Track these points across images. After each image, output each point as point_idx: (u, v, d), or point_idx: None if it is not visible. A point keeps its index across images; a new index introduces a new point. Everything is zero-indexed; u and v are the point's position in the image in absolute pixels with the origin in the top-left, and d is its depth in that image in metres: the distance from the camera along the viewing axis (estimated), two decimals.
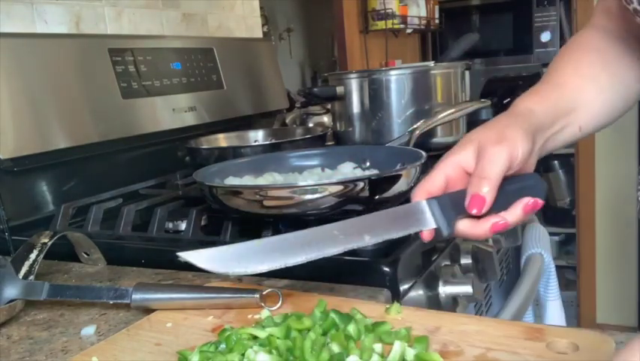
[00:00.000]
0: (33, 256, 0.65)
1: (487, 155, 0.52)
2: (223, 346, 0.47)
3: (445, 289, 0.71)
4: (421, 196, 0.54)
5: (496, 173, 0.51)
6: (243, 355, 0.45)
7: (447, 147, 0.58)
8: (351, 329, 0.47)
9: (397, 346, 0.44)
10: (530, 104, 0.59)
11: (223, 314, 0.55)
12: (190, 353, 0.46)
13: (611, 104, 0.66)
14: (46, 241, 0.67)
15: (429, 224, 0.52)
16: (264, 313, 0.53)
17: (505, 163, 0.52)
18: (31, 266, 0.64)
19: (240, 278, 0.67)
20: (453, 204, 0.52)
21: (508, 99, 2.57)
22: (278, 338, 0.47)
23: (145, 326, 0.54)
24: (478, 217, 0.52)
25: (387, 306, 0.52)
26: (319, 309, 0.50)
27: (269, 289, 0.56)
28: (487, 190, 0.51)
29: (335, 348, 0.44)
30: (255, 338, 0.48)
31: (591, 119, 0.64)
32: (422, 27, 2.62)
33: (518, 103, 0.60)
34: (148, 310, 0.58)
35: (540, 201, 0.53)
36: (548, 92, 0.62)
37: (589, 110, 0.64)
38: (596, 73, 0.65)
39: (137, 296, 0.57)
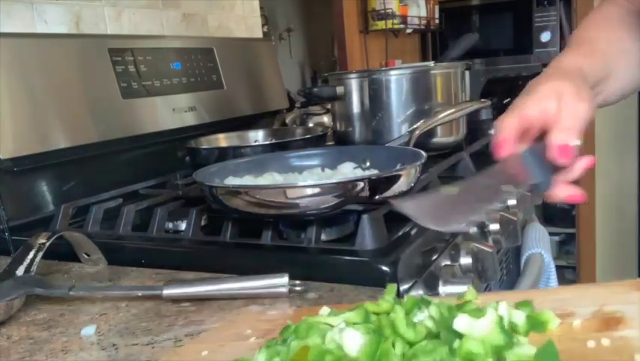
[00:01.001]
0: (31, 256, 0.65)
1: (573, 109, 0.51)
2: (292, 338, 0.40)
3: (445, 289, 0.71)
4: (511, 133, 0.52)
5: (581, 128, 0.51)
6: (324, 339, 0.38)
7: (447, 147, 0.58)
8: (433, 310, 0.40)
9: (503, 307, 0.38)
10: (578, 63, 0.58)
11: (266, 334, 0.48)
12: (249, 359, 0.40)
13: (633, 81, 0.66)
14: (44, 241, 0.67)
15: (533, 178, 0.50)
16: (324, 310, 0.45)
17: (586, 121, 0.51)
18: (30, 266, 0.64)
19: None
20: (543, 156, 0.50)
21: (508, 99, 2.57)
22: (355, 323, 0.40)
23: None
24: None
25: (459, 294, 0.45)
26: (390, 295, 0.44)
27: (297, 281, 0.55)
28: (576, 142, 0.50)
29: (429, 323, 0.39)
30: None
31: (615, 91, 0.64)
32: (422, 27, 2.62)
33: (564, 60, 0.59)
34: (156, 312, 0.58)
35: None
36: (590, 54, 0.61)
37: (618, 83, 0.63)
38: (626, 47, 0.65)
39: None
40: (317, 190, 0.66)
